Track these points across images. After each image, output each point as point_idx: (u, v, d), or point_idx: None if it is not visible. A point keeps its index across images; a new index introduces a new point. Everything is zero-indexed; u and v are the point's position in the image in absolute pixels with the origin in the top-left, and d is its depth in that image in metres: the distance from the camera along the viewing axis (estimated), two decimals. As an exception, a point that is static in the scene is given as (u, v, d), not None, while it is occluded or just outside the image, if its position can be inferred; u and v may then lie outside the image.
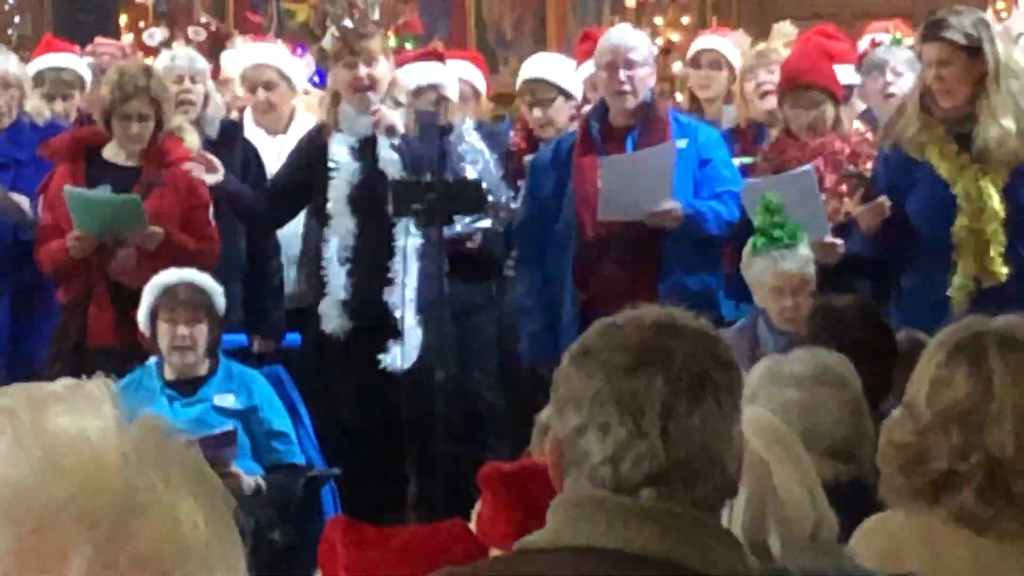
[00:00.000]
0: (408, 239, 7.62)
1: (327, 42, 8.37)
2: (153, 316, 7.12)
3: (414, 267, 7.62)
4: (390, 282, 7.62)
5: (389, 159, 7.67)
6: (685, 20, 11.87)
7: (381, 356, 7.58)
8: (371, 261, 7.65)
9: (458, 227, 7.75)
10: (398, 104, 7.76)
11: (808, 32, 8.90)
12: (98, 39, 9.23)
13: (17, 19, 10.82)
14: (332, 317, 7.67)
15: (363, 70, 7.70)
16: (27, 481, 1.33)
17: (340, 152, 7.70)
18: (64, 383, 1.40)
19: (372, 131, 7.68)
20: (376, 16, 8.09)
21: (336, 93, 7.86)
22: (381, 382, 7.62)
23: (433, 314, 7.60)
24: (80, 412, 1.37)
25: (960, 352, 3.59)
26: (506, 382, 7.97)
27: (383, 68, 7.79)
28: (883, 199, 6.91)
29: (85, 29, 9.38)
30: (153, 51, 9.99)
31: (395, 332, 7.59)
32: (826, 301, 5.92)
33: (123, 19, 10.80)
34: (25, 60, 8.62)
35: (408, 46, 8.80)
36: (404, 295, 7.59)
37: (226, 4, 12.08)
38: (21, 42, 10.05)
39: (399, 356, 7.56)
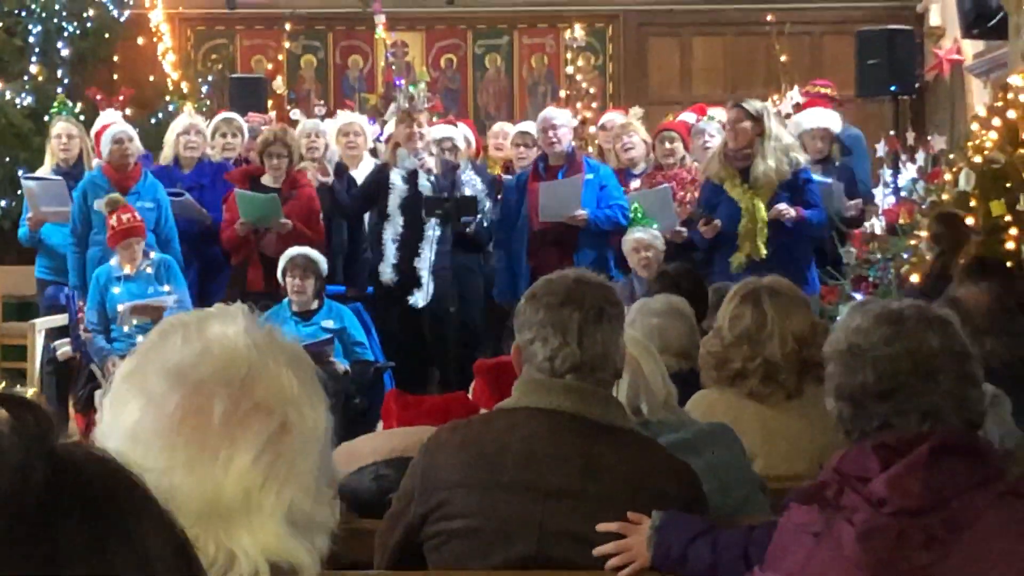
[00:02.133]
0: (433, 231, 7.58)
1: (390, 114, 8.42)
2: (284, 274, 7.13)
3: (433, 248, 7.54)
4: (418, 255, 7.57)
5: (425, 184, 7.62)
6: (595, 104, 11.80)
7: (410, 297, 7.54)
8: (410, 243, 7.60)
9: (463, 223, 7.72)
10: (431, 154, 7.73)
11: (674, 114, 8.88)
12: (251, 114, 9.21)
13: (209, 102, 10.77)
14: (387, 273, 7.62)
15: (415, 129, 7.68)
16: (189, 361, 1.34)
17: (397, 178, 7.61)
18: (217, 307, 1.42)
19: (416, 168, 7.62)
20: (424, 103, 8.16)
21: (396, 143, 7.80)
22: (412, 313, 7.57)
23: (443, 274, 7.56)
24: (225, 322, 1.38)
25: (747, 298, 3.61)
26: (488, 313, 7.95)
27: (425, 130, 7.76)
28: (717, 222, 6.98)
29: (247, 107, 9.36)
30: (294, 122, 9.92)
31: (419, 284, 7.55)
32: (665, 268, 5.95)
33: (269, 103, 10.76)
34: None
35: (435, 119, 8.71)
36: (427, 263, 7.54)
37: (329, 95, 12.05)
38: (207, 114, 9.95)
39: (420, 298, 7.52)
